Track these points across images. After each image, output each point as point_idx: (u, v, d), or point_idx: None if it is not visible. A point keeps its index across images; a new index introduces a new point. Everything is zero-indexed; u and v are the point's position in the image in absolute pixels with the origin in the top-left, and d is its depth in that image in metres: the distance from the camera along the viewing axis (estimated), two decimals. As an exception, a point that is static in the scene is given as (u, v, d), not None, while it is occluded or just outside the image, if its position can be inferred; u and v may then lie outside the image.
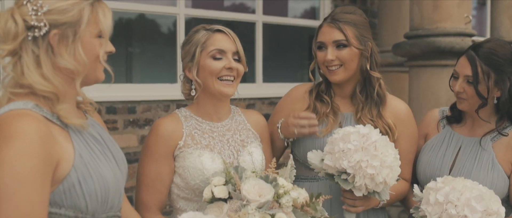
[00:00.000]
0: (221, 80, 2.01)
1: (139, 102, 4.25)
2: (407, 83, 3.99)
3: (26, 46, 1.45)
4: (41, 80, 1.45)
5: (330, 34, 2.17)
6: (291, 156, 1.90)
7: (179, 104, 4.28)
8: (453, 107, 2.32)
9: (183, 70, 2.08)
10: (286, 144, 2.27)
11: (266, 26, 5.35)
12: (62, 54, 1.46)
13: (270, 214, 1.66)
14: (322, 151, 2.00)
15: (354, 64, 2.18)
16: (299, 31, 5.56)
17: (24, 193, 1.32)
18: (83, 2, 1.49)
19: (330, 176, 1.93)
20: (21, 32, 1.44)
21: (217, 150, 2.01)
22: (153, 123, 2.10)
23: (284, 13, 5.46)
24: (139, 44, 5.52)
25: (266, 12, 5.13)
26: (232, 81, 2.02)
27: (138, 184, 2.03)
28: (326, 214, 1.80)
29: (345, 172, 1.87)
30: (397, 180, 1.96)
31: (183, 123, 2.03)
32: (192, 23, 5.92)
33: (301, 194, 1.77)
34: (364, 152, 1.84)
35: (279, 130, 2.23)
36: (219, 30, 2.04)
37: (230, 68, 2.00)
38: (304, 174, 2.23)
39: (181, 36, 4.51)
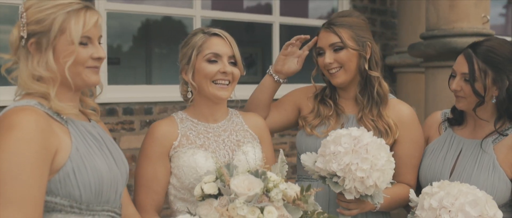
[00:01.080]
0: (215, 83, 2.02)
1: (155, 103, 4.31)
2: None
3: (21, 54, 1.62)
4: (30, 83, 1.59)
5: (327, 39, 2.22)
6: (281, 151, 1.90)
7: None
8: (454, 109, 2.27)
9: (180, 72, 2.10)
10: (276, 81, 2.36)
11: (286, 27, 5.34)
12: (34, 62, 1.60)
13: (259, 208, 1.64)
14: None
15: (353, 65, 2.20)
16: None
17: (22, 177, 1.44)
18: (58, 12, 1.60)
19: (323, 179, 1.92)
20: (14, 42, 1.62)
21: (212, 149, 2.04)
22: None
23: (303, 14, 5.43)
24: (161, 46, 5.59)
25: (283, 13, 5.11)
26: (227, 85, 2.04)
27: (135, 185, 2.07)
28: (319, 208, 1.78)
29: (336, 175, 1.85)
30: (391, 184, 1.94)
31: (179, 124, 2.07)
32: (211, 25, 5.96)
33: (292, 188, 1.75)
34: (354, 155, 1.82)
35: (270, 67, 2.36)
36: (215, 34, 2.06)
37: (224, 73, 2.02)
38: (306, 174, 2.23)
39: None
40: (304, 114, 2.34)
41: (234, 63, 2.06)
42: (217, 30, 2.08)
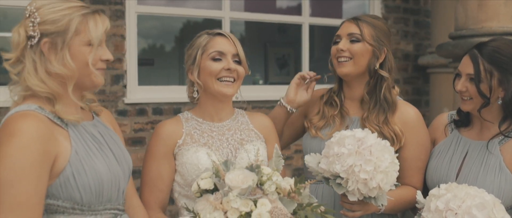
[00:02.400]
0: (221, 81, 2.07)
1: (184, 103, 4.39)
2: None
3: (27, 54, 1.64)
4: (38, 83, 1.62)
5: (347, 28, 2.23)
6: (276, 146, 1.91)
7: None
8: (460, 110, 2.23)
9: (186, 73, 2.16)
10: (289, 111, 2.33)
11: (318, 28, 5.32)
12: (51, 60, 1.62)
13: (252, 200, 1.65)
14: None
15: (364, 60, 2.19)
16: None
17: (21, 184, 1.49)
18: (74, 13, 1.64)
19: (326, 180, 1.92)
20: (21, 41, 1.63)
21: (215, 147, 2.08)
22: None
23: (333, 15, 5.39)
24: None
25: (314, 14, 5.11)
26: (232, 82, 2.08)
27: (141, 183, 2.13)
28: (315, 201, 1.76)
29: (339, 176, 1.85)
30: (396, 186, 1.92)
31: (184, 124, 2.12)
32: (244, 26, 6.01)
33: (286, 181, 1.74)
34: (358, 156, 1.82)
35: (281, 99, 2.35)
36: (219, 34, 2.12)
37: (229, 69, 2.06)
38: (311, 175, 2.23)
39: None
40: (310, 116, 2.35)
41: (239, 62, 2.11)
42: (220, 30, 2.14)
